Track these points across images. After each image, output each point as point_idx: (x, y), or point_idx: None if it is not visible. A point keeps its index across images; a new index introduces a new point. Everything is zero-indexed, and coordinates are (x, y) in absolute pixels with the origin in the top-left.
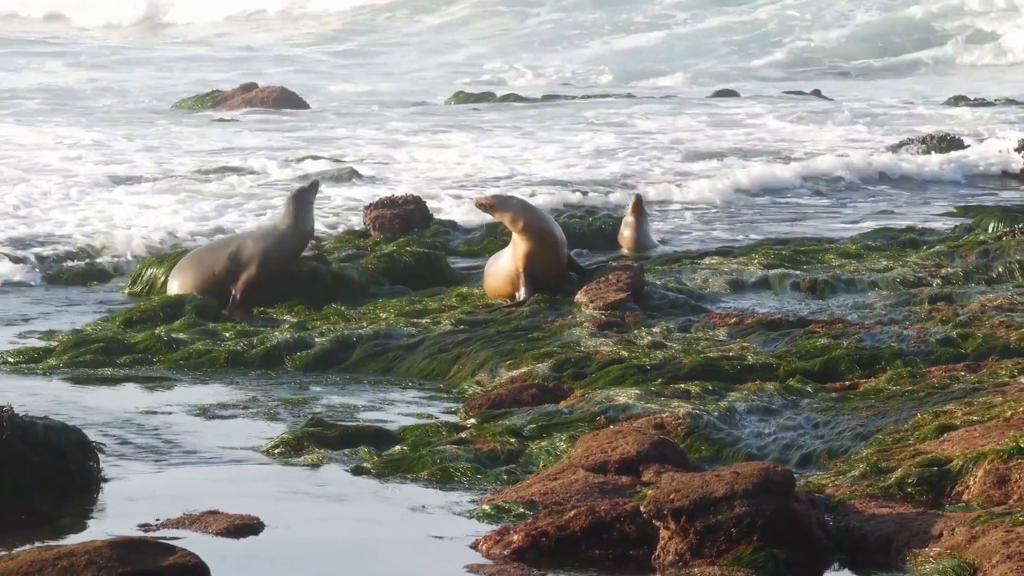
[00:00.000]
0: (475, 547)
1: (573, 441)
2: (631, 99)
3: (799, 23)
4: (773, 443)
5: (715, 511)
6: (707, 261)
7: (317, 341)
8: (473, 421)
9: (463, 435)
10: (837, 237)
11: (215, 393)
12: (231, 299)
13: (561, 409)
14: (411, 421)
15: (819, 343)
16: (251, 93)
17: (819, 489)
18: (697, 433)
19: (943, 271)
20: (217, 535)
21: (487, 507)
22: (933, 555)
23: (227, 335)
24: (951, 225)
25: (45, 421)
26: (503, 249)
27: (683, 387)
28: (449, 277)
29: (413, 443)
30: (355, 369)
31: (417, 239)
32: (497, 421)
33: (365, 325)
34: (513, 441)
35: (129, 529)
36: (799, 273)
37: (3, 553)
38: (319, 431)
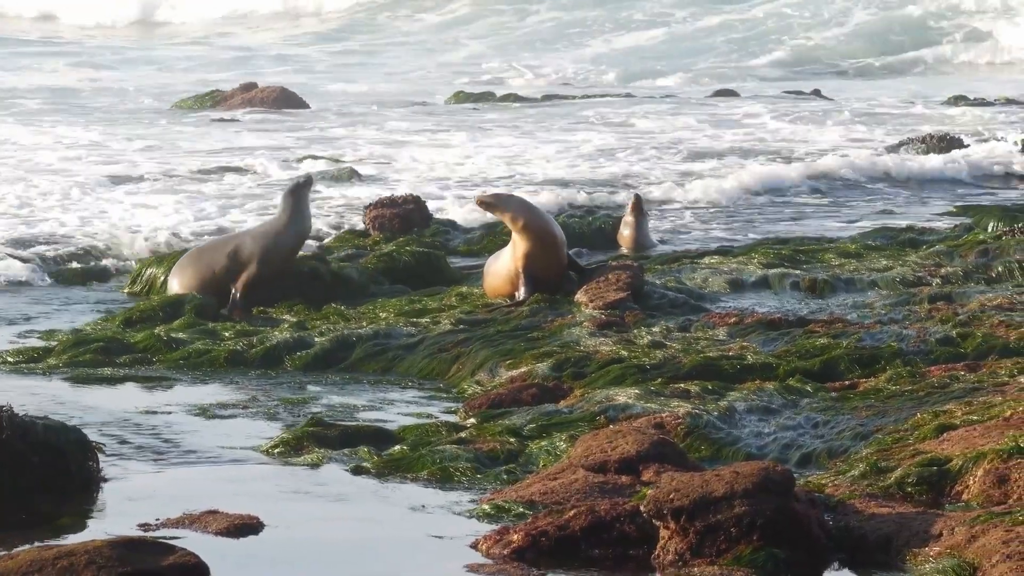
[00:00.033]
0: (475, 547)
1: (573, 441)
2: (631, 99)
3: (797, 20)
4: (773, 443)
5: (715, 511)
6: (707, 260)
7: (317, 341)
8: (473, 421)
9: (463, 435)
10: (837, 237)
11: (215, 393)
12: (231, 298)
13: (561, 409)
14: (411, 421)
15: (819, 343)
16: (251, 93)
17: (819, 489)
18: (697, 433)
19: (943, 270)
20: (217, 535)
21: (487, 507)
22: (933, 555)
23: (227, 335)
24: (951, 224)
25: (45, 421)
26: (503, 248)
27: (683, 387)
28: (449, 277)
29: (413, 443)
30: (355, 369)
31: (417, 239)
32: (497, 421)
33: (365, 325)
34: (513, 441)
35: (129, 529)
36: (799, 273)
37: (3, 553)
38: (319, 431)
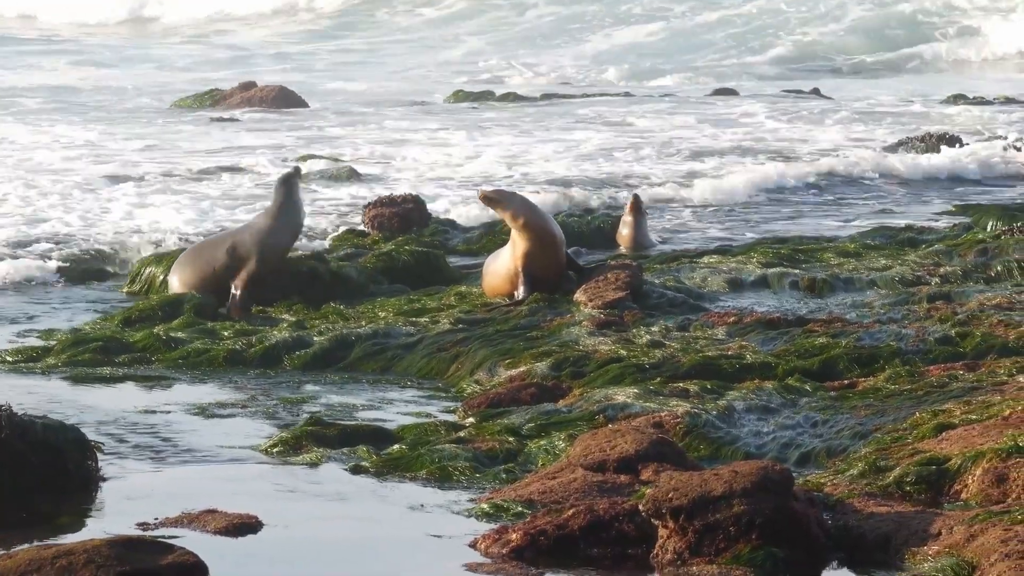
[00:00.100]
0: (474, 546)
1: (572, 440)
2: (630, 98)
3: (794, 15)
4: (772, 442)
5: (714, 510)
6: (706, 260)
7: (316, 340)
8: (472, 420)
9: (462, 434)
10: (836, 236)
11: (213, 392)
12: (231, 295)
13: (560, 408)
14: (410, 420)
15: (818, 342)
16: (250, 92)
17: (818, 488)
18: (696, 432)
19: (942, 270)
20: (216, 534)
21: (486, 506)
22: (931, 553)
23: (226, 334)
24: (950, 224)
25: (44, 420)
26: (501, 248)
27: (682, 386)
28: (448, 276)
29: (412, 442)
30: (354, 368)
31: (416, 238)
32: (496, 420)
33: (364, 324)
34: (512, 440)
35: (128, 528)
36: (798, 272)
37: (2, 552)
38: (318, 430)
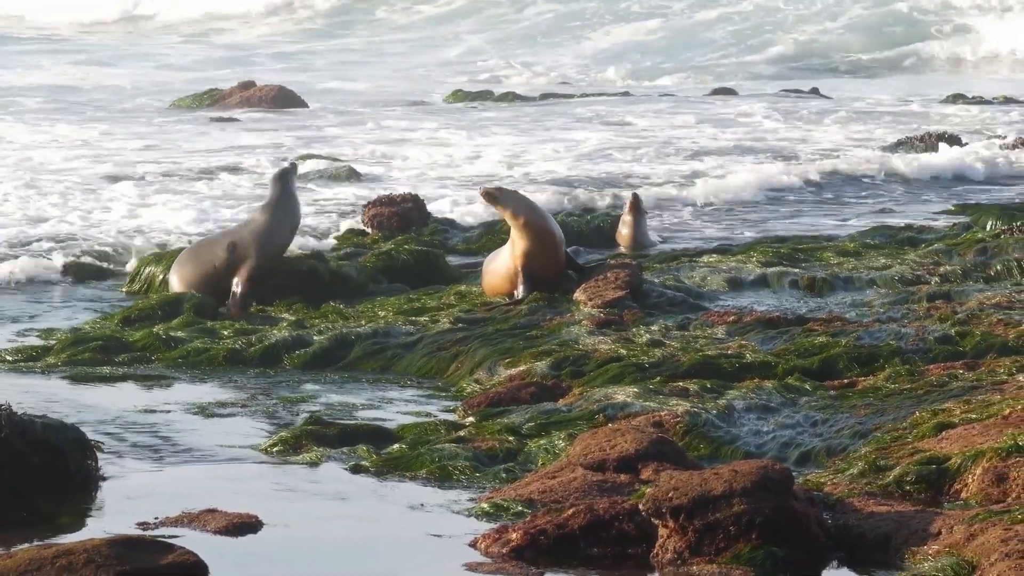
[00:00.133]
0: (474, 545)
1: (572, 439)
2: (629, 98)
3: (792, 12)
4: (771, 441)
5: (714, 509)
6: (705, 259)
7: (315, 339)
8: (471, 419)
9: (462, 433)
10: (835, 235)
11: (213, 391)
12: (232, 292)
13: (560, 407)
14: (410, 419)
15: (817, 341)
16: (249, 92)
17: (818, 487)
18: (695, 431)
19: (941, 269)
20: (216, 533)
21: (486, 505)
22: (931, 553)
23: (225, 333)
24: (949, 223)
25: (44, 419)
26: (501, 247)
27: (681, 385)
28: (447, 275)
29: (412, 441)
30: (353, 367)
31: (415, 237)
32: (495, 419)
33: (363, 323)
34: (512, 439)
35: (128, 527)
36: (797, 271)
37: (1, 551)
38: (318, 429)
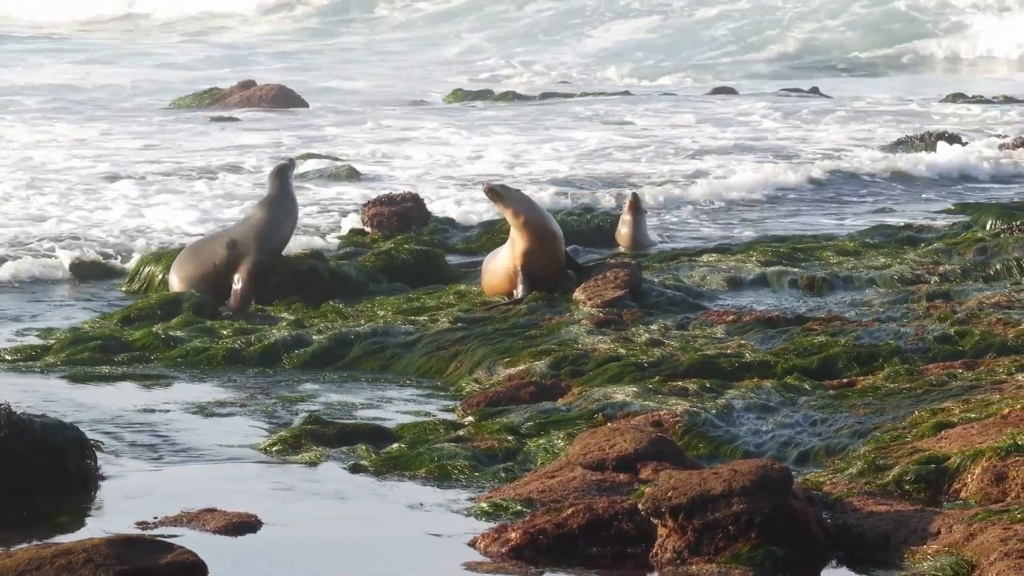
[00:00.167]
0: (473, 545)
1: (571, 439)
2: (629, 97)
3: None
4: (771, 440)
5: (713, 509)
6: (705, 258)
7: (315, 339)
8: (471, 419)
9: (461, 433)
10: (835, 234)
11: (213, 391)
12: (233, 289)
13: (559, 407)
14: (409, 419)
15: (817, 340)
16: (249, 91)
17: (817, 487)
18: (695, 431)
19: (941, 268)
20: (215, 533)
21: (485, 505)
22: (931, 552)
23: (225, 333)
24: (949, 222)
25: (43, 419)
26: (500, 246)
27: (681, 384)
28: (447, 275)
29: (411, 441)
30: (353, 367)
31: (415, 236)
32: (495, 419)
33: (363, 323)
34: (511, 439)
35: (127, 527)
36: (797, 270)
37: (1, 551)
38: (317, 429)
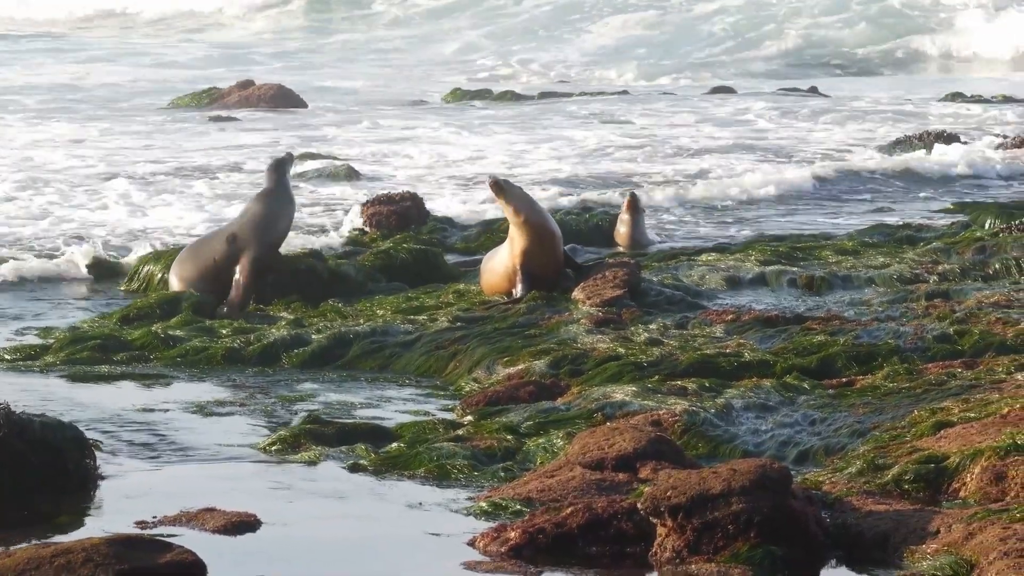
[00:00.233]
0: (472, 544)
1: (570, 438)
2: (628, 96)
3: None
4: (770, 440)
5: (712, 508)
6: (704, 258)
7: (314, 338)
8: (470, 418)
9: (460, 432)
10: (834, 234)
11: (212, 390)
12: (235, 283)
13: (558, 406)
14: (408, 418)
15: (816, 340)
16: (248, 91)
17: (816, 486)
18: (694, 430)
19: (940, 268)
20: (214, 532)
21: (484, 504)
22: (930, 552)
23: (224, 332)
24: (948, 222)
25: (42, 418)
26: (499, 246)
27: (680, 384)
28: (446, 274)
29: (410, 440)
30: (352, 366)
31: (414, 236)
32: (494, 418)
33: (362, 322)
34: (510, 438)
35: (126, 526)
36: (796, 270)
37: (1, 551)
38: (316, 428)
